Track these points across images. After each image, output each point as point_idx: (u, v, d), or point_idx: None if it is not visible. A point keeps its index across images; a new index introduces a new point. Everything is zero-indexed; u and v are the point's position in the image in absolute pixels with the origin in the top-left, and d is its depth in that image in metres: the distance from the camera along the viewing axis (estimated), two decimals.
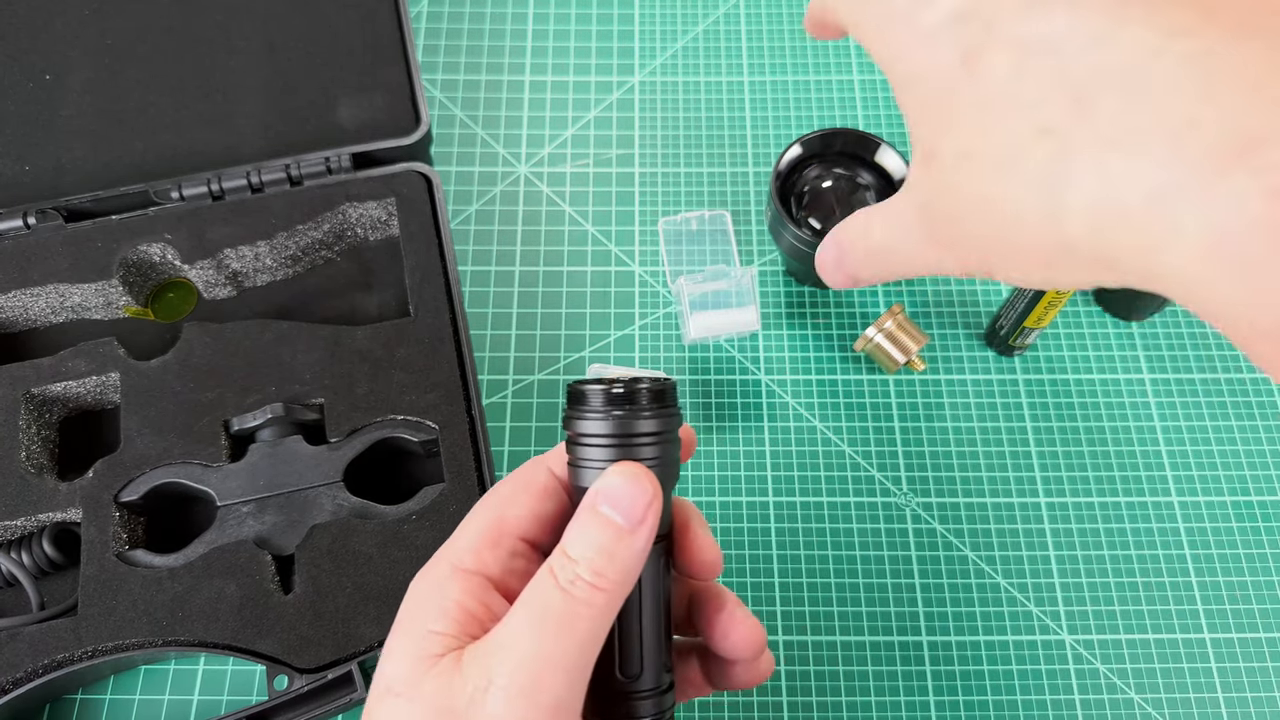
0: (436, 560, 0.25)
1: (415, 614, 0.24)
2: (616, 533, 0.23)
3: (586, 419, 0.24)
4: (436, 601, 0.24)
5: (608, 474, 0.24)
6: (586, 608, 0.22)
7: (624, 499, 0.23)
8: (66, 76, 0.52)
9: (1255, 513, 0.46)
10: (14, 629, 0.39)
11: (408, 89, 0.52)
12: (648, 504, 0.23)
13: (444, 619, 0.23)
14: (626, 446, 0.24)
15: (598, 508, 0.23)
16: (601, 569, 0.23)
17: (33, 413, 0.44)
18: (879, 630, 0.43)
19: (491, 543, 0.25)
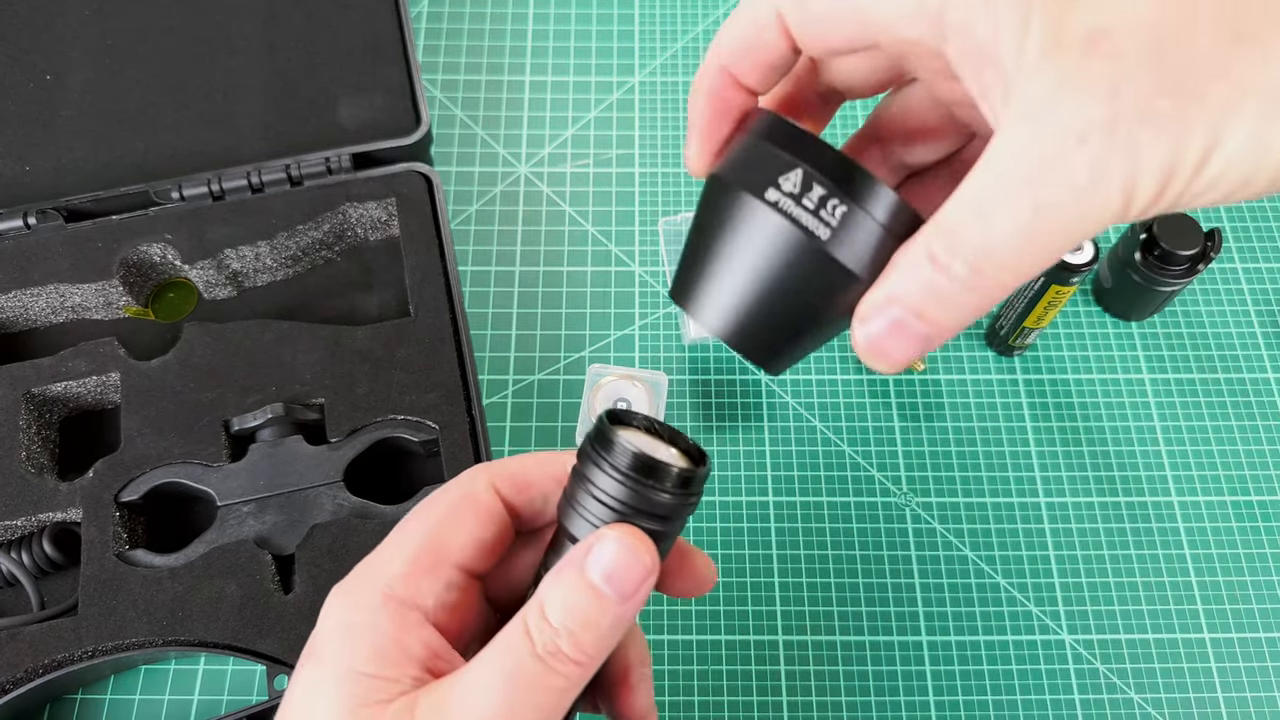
0: (363, 582, 0.23)
1: (345, 648, 0.21)
2: (605, 606, 0.21)
3: (605, 473, 0.22)
4: (370, 637, 0.21)
5: (605, 537, 0.21)
6: (561, 679, 0.20)
7: (619, 571, 0.21)
8: (67, 77, 0.52)
9: (1255, 512, 0.46)
10: (14, 629, 0.39)
11: (408, 89, 0.52)
12: (643, 580, 0.21)
13: (383, 660, 0.21)
14: (637, 515, 0.22)
15: (588, 573, 0.21)
16: (583, 642, 0.21)
17: (33, 413, 0.44)
18: (879, 630, 0.43)
19: (427, 570, 0.23)
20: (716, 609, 0.44)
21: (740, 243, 0.20)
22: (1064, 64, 0.17)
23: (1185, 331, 0.51)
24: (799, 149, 0.20)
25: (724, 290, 0.21)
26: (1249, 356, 0.50)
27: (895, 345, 0.20)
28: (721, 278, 0.21)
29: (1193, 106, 0.16)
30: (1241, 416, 0.49)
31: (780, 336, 0.22)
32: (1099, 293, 0.51)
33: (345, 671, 0.21)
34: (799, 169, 0.20)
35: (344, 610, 0.22)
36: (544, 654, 0.20)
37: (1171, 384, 0.50)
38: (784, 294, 0.21)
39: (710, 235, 0.21)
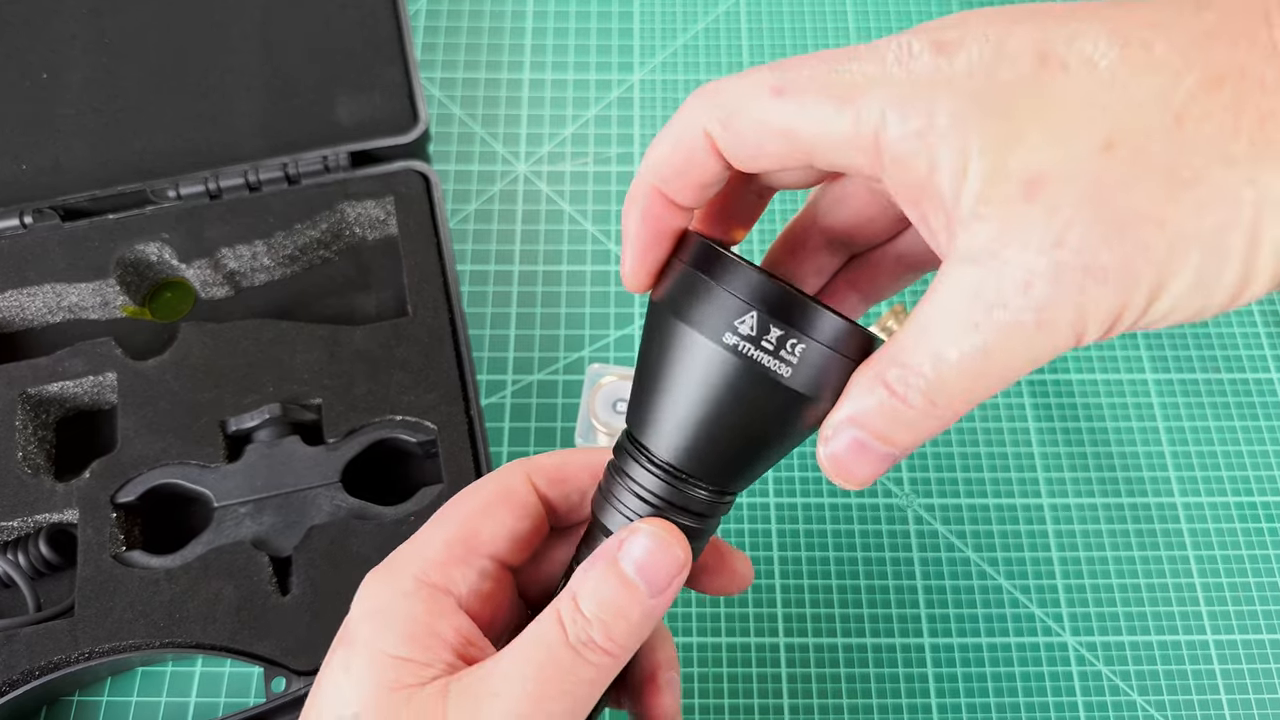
0: (397, 568, 0.23)
1: (378, 632, 0.22)
2: (637, 598, 0.21)
3: (643, 468, 0.22)
4: (403, 621, 0.22)
5: (639, 530, 0.21)
6: (592, 669, 0.21)
7: (651, 564, 0.21)
8: (64, 75, 0.52)
9: (1259, 513, 0.46)
10: (10, 630, 0.39)
11: (406, 87, 0.52)
12: (675, 574, 0.21)
13: (414, 644, 0.21)
14: (671, 510, 0.22)
15: (621, 566, 0.21)
16: (615, 633, 0.21)
17: (29, 413, 0.44)
18: (880, 632, 0.43)
19: (461, 559, 0.23)
20: (717, 610, 0.44)
21: (700, 383, 0.21)
22: (1005, 209, 0.17)
23: (1189, 331, 0.51)
24: (744, 284, 0.20)
25: (684, 424, 0.21)
26: (1253, 357, 0.50)
27: (858, 464, 0.20)
28: (681, 412, 0.21)
29: (1137, 259, 0.17)
30: (1245, 417, 0.48)
31: (741, 463, 0.22)
32: None
33: (377, 654, 0.21)
34: (753, 312, 0.20)
35: (377, 595, 0.23)
36: (576, 643, 0.21)
37: (1175, 384, 0.49)
38: (745, 426, 0.21)
39: (665, 372, 0.21)
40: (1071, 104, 0.17)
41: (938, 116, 0.17)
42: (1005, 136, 0.17)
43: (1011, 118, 0.17)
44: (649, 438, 0.22)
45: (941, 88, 0.18)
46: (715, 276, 0.20)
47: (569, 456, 0.26)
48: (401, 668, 0.21)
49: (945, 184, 0.18)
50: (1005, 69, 0.17)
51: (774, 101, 0.19)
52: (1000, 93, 0.17)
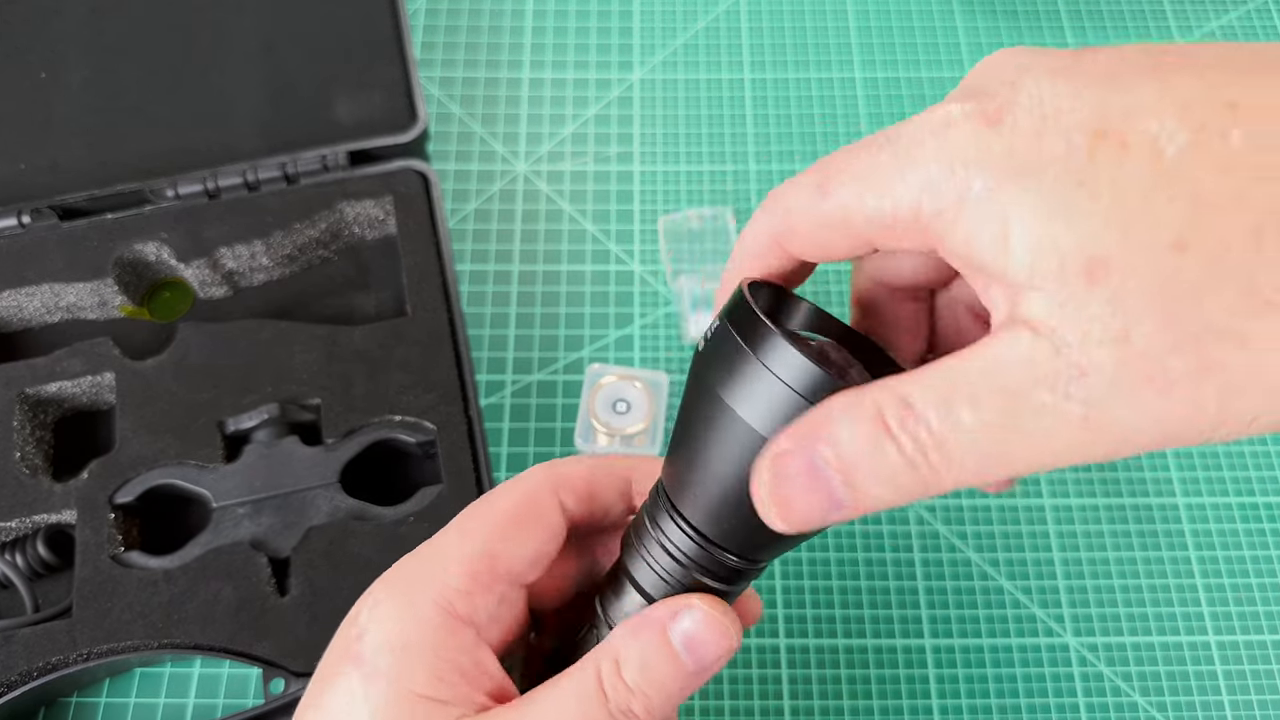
0: (416, 589, 0.22)
1: (403, 667, 0.21)
2: (682, 675, 0.21)
3: (679, 529, 0.21)
4: (428, 658, 0.21)
5: (694, 606, 0.21)
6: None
7: (703, 642, 0.21)
8: (63, 75, 0.52)
9: (1261, 514, 0.46)
10: (8, 631, 0.39)
11: (405, 86, 0.51)
12: (724, 655, 0.21)
13: (441, 684, 0.21)
14: (706, 574, 0.21)
15: (672, 639, 0.21)
16: (653, 706, 0.21)
17: (27, 413, 0.44)
18: (881, 634, 0.43)
19: (485, 586, 0.22)
20: None
21: (744, 467, 0.19)
22: (1063, 286, 0.15)
23: None
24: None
25: (724, 502, 0.20)
26: None
27: (803, 494, 0.18)
28: (721, 489, 0.20)
29: (1212, 374, 0.15)
30: None
31: (779, 543, 0.21)
32: None
33: (403, 692, 0.21)
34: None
35: (399, 621, 0.22)
36: (615, 710, 0.20)
37: None
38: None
39: (706, 447, 0.20)
40: (1134, 190, 0.15)
41: (973, 185, 0.16)
42: (1053, 209, 0.15)
43: (1060, 192, 0.15)
44: (686, 505, 0.21)
45: (981, 160, 0.16)
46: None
47: (598, 469, 0.25)
48: (427, 708, 0.20)
49: (987, 255, 0.16)
50: (1055, 142, 0.16)
51: (822, 200, 0.18)
52: (1048, 165, 0.15)
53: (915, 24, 0.60)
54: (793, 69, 0.58)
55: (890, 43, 0.59)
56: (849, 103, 0.57)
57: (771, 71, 0.58)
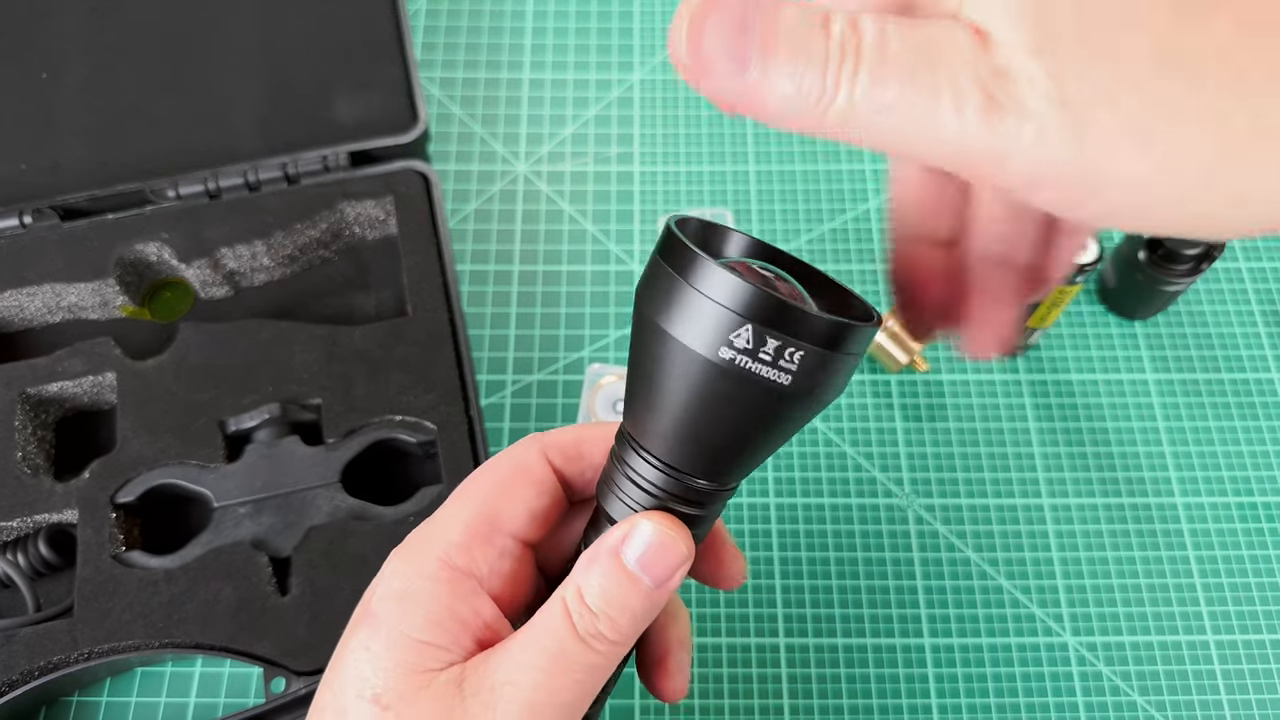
0: (420, 548, 0.23)
1: (402, 614, 0.22)
2: (641, 593, 0.22)
3: (642, 459, 0.22)
4: (426, 604, 0.22)
5: (642, 524, 0.22)
6: (599, 657, 0.21)
7: (654, 558, 0.22)
8: (64, 75, 0.52)
9: (1259, 514, 0.46)
10: (9, 630, 0.39)
11: (405, 87, 0.51)
12: (677, 566, 0.22)
13: (437, 629, 0.22)
14: (672, 500, 0.22)
15: (625, 559, 0.22)
16: (620, 626, 0.22)
17: (29, 413, 0.44)
18: (881, 633, 0.43)
19: (483, 540, 0.23)
20: (717, 611, 0.44)
21: (694, 393, 0.20)
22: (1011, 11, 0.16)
23: (1189, 331, 0.51)
24: (735, 296, 0.19)
25: (680, 428, 0.21)
26: (1253, 356, 0.50)
27: (719, 46, 0.16)
28: (676, 417, 0.21)
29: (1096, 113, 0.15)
30: (1246, 417, 0.48)
31: (740, 461, 0.22)
32: (1103, 292, 0.51)
33: (400, 637, 0.22)
34: (747, 325, 0.19)
35: (402, 576, 0.23)
36: (584, 635, 0.21)
37: (1175, 384, 0.49)
38: (744, 429, 0.21)
39: (657, 379, 0.21)
40: None
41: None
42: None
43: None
44: (646, 438, 0.22)
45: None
46: (702, 286, 0.20)
47: (583, 431, 0.26)
48: (424, 651, 0.22)
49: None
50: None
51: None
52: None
53: None
54: None
55: None
56: None
57: None
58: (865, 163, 0.55)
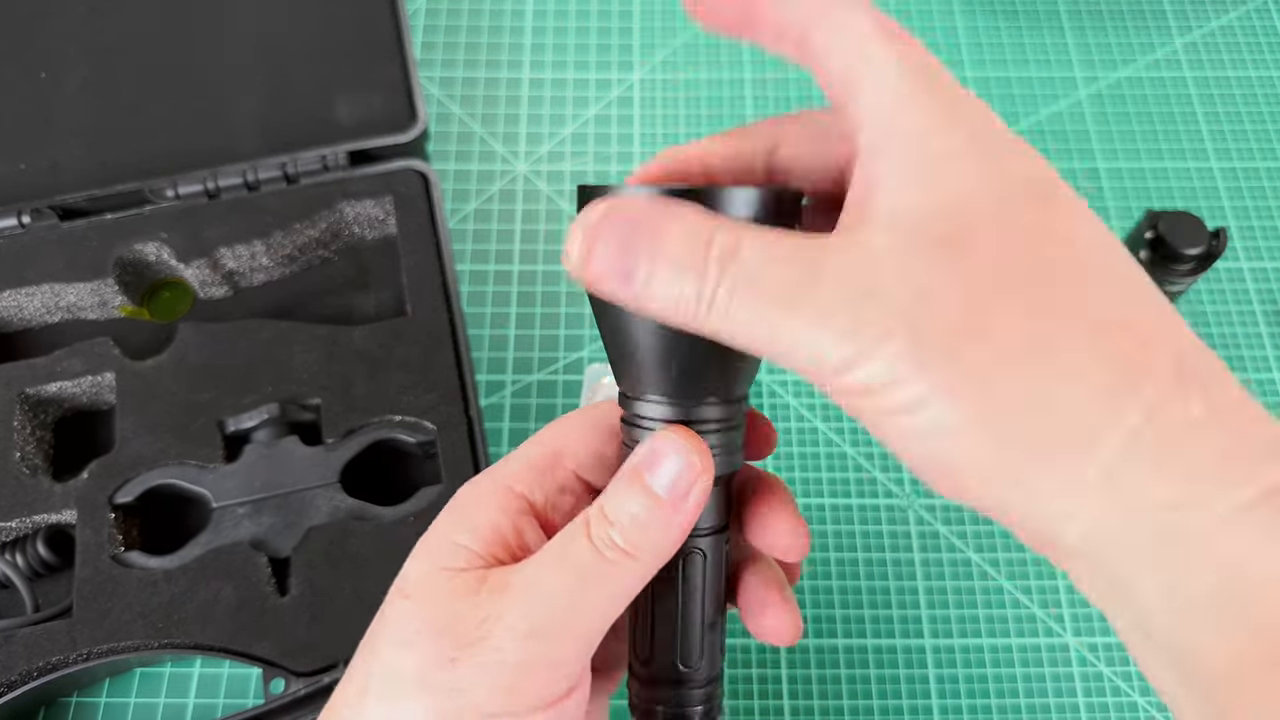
0: (487, 473, 0.24)
1: (448, 522, 0.23)
2: (655, 505, 0.21)
3: (645, 402, 0.22)
4: (471, 514, 0.23)
5: (657, 437, 0.22)
6: (616, 571, 0.21)
7: (668, 471, 0.21)
8: (63, 75, 0.52)
9: None
10: (8, 631, 0.39)
11: (405, 86, 0.51)
12: (693, 480, 0.21)
13: (473, 534, 0.23)
14: (687, 421, 0.22)
15: (641, 474, 0.22)
16: (635, 540, 0.21)
17: (28, 413, 0.44)
18: (882, 634, 0.43)
19: (543, 470, 0.24)
20: None
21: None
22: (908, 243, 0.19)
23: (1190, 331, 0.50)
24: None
25: (659, 356, 0.22)
26: (1255, 356, 0.50)
27: (606, 260, 0.19)
28: (649, 347, 0.21)
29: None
30: None
31: (725, 367, 0.22)
32: None
33: (438, 538, 0.23)
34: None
35: (460, 494, 0.24)
36: (599, 544, 0.21)
37: None
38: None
39: (623, 322, 0.21)
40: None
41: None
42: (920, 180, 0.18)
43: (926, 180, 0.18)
44: (632, 383, 0.23)
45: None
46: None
47: None
48: (455, 552, 0.22)
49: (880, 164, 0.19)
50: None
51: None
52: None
53: (915, 24, 0.60)
54: (793, 68, 0.58)
55: None
56: None
57: (772, 71, 0.58)
58: None
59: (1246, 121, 0.57)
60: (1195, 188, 0.55)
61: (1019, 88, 0.58)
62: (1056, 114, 0.57)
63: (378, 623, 0.23)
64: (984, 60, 0.59)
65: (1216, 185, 0.55)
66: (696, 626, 0.24)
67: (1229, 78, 0.58)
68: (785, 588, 0.26)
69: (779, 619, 0.25)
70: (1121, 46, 0.59)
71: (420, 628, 0.21)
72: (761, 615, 0.25)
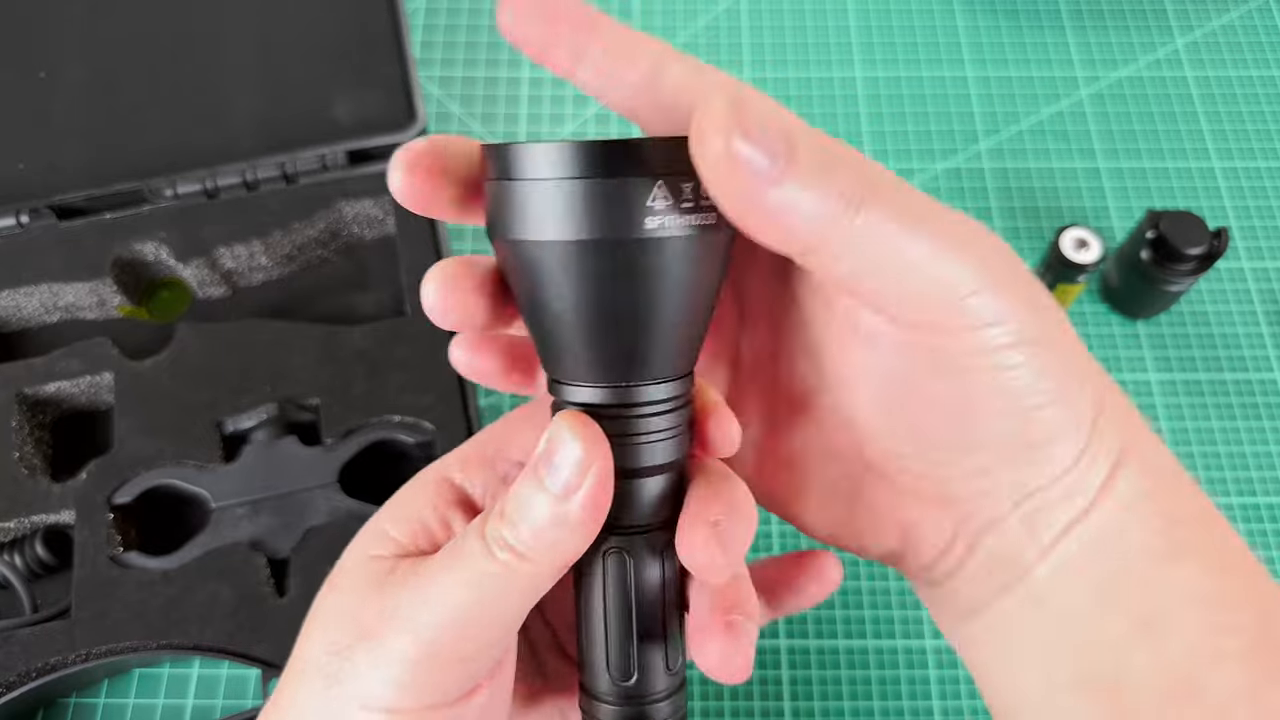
0: (430, 465, 0.24)
1: (387, 510, 0.23)
2: (545, 499, 0.19)
3: (587, 388, 0.20)
4: (404, 504, 0.23)
5: (551, 425, 0.20)
6: (506, 571, 0.20)
7: (563, 463, 0.19)
8: (61, 74, 0.52)
9: (1262, 514, 0.46)
10: (6, 632, 0.38)
11: (404, 85, 0.51)
12: (584, 471, 0.19)
13: (400, 524, 0.22)
14: (617, 421, 0.20)
15: (535, 466, 0.19)
16: (526, 539, 0.19)
17: (26, 413, 0.43)
18: (882, 634, 0.43)
19: (484, 461, 0.23)
20: None
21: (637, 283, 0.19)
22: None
23: (1192, 331, 0.50)
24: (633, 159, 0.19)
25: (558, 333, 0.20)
26: (1256, 356, 0.50)
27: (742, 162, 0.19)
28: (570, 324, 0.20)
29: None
30: (1249, 417, 0.48)
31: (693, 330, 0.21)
32: (1106, 291, 0.51)
33: (372, 525, 0.23)
34: (657, 182, 0.19)
35: (409, 483, 0.24)
36: (488, 538, 0.20)
37: (1178, 384, 0.49)
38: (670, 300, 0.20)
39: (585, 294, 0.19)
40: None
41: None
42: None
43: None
44: (555, 367, 0.21)
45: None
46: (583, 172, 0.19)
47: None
48: (380, 540, 0.22)
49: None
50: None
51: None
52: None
53: (915, 24, 0.60)
54: (793, 69, 0.58)
55: (890, 42, 0.59)
56: (849, 102, 0.57)
57: (772, 71, 0.58)
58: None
59: (1248, 121, 0.57)
60: (1196, 187, 0.55)
61: (1019, 87, 0.58)
62: (1057, 114, 0.57)
63: (313, 604, 0.23)
64: (984, 60, 0.59)
65: (1218, 185, 0.55)
66: (626, 636, 0.21)
67: (1230, 77, 0.58)
68: (735, 611, 0.21)
69: (716, 650, 0.21)
70: (1122, 46, 0.59)
71: (332, 613, 0.21)
72: (698, 642, 0.21)
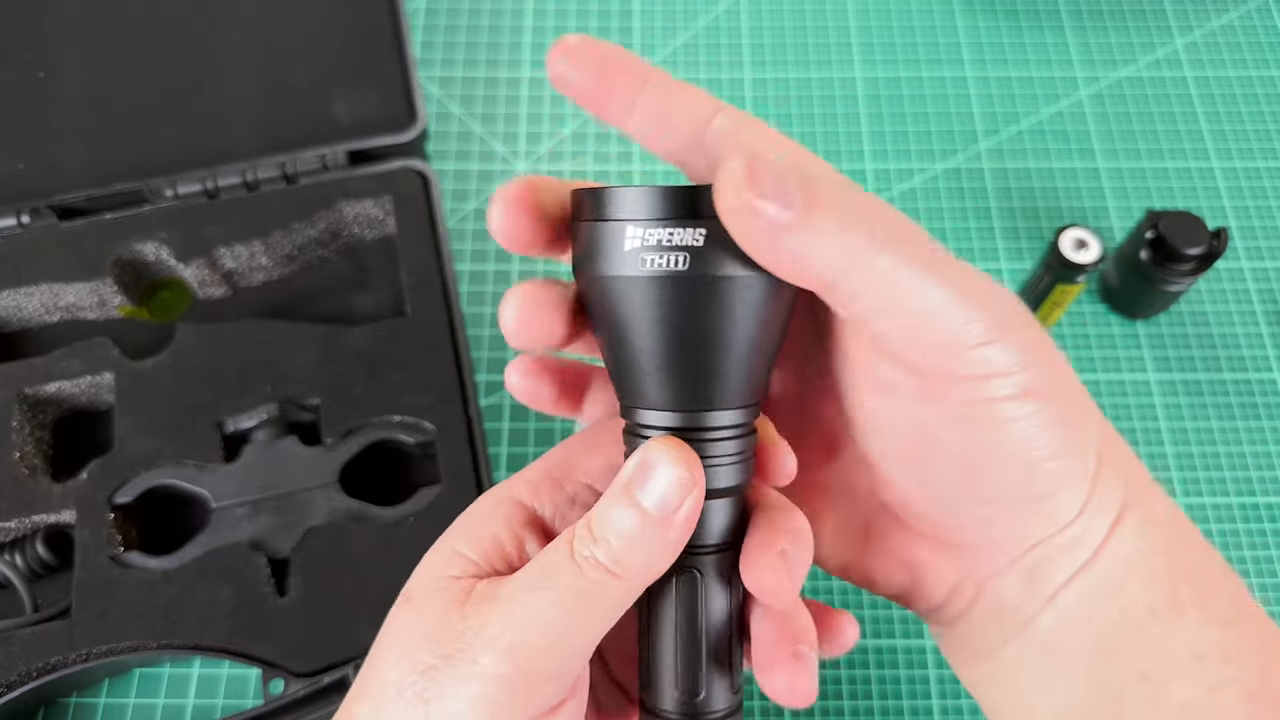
0: (498, 485, 0.24)
1: (458, 530, 0.23)
2: (643, 522, 0.20)
3: (632, 410, 0.22)
4: (476, 524, 0.23)
5: (646, 448, 0.20)
6: (597, 589, 0.20)
7: (658, 484, 0.20)
8: (61, 74, 0.52)
9: (1262, 514, 0.46)
10: (7, 632, 0.38)
11: (404, 85, 0.51)
12: (684, 494, 0.20)
13: (474, 545, 0.23)
14: (684, 430, 0.21)
15: (629, 488, 0.20)
16: (620, 557, 0.20)
17: (26, 413, 0.43)
18: (882, 634, 0.43)
19: (554, 483, 0.24)
20: None
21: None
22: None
23: (1191, 331, 0.50)
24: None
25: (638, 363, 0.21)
26: (1255, 356, 0.50)
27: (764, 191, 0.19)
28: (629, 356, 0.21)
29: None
30: (1248, 417, 0.48)
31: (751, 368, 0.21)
32: (1105, 291, 0.51)
33: (442, 545, 0.23)
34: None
35: (477, 503, 0.24)
36: (580, 561, 0.21)
37: (1178, 384, 0.49)
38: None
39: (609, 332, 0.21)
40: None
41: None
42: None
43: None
44: (632, 394, 0.22)
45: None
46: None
47: None
48: (454, 560, 0.23)
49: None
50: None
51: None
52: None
53: (915, 24, 0.60)
54: (793, 69, 0.58)
55: (890, 43, 0.59)
56: (849, 102, 0.57)
57: (771, 71, 0.58)
58: (864, 169, 0.55)
59: (1247, 121, 0.57)
60: (1196, 187, 0.55)
61: (1019, 88, 0.58)
62: (1057, 114, 0.57)
63: (384, 626, 0.23)
64: (984, 60, 0.59)
65: (1217, 185, 0.55)
66: (695, 654, 0.22)
67: (1230, 77, 0.58)
68: (801, 641, 0.23)
69: (785, 677, 0.22)
70: (1122, 46, 0.59)
71: (410, 633, 0.21)
72: (766, 670, 0.23)
